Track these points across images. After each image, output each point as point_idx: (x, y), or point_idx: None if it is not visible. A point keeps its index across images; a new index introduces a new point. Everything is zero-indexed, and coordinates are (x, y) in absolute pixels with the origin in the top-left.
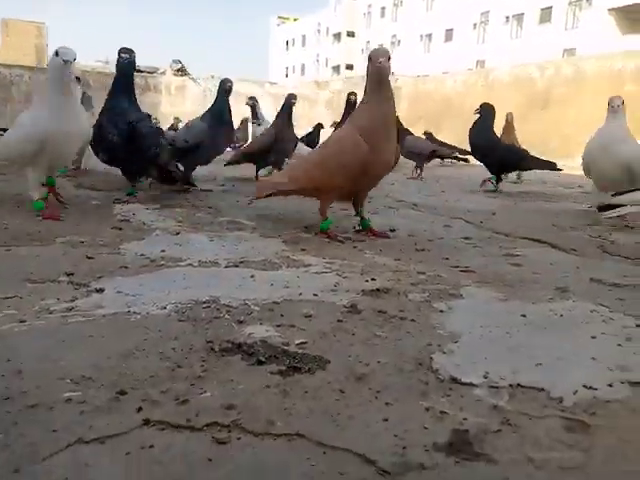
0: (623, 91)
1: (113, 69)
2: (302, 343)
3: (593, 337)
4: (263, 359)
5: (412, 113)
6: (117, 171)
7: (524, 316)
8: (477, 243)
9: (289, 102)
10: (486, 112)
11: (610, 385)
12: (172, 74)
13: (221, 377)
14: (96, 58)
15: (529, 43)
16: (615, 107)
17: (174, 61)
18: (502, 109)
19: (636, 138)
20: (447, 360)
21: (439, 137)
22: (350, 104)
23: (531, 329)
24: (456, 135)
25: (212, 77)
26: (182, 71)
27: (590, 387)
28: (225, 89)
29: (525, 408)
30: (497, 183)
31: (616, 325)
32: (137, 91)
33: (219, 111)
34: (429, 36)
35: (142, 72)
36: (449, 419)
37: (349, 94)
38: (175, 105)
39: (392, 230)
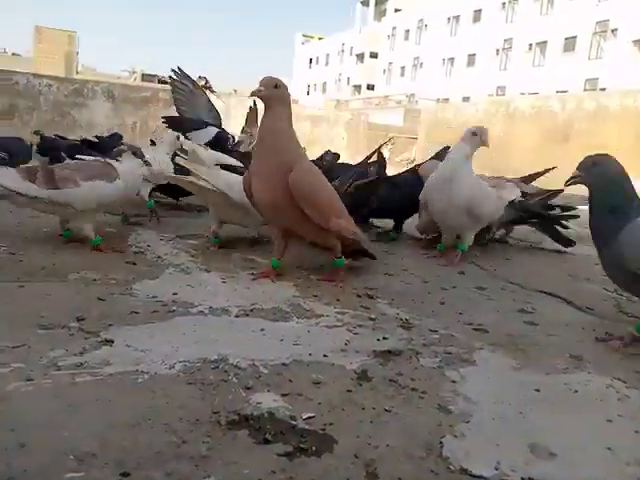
0: None
1: (139, 80)
2: (310, 417)
3: (609, 420)
4: (270, 437)
5: (431, 138)
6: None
7: (538, 390)
8: (491, 295)
9: None
10: None
11: None
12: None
13: (226, 457)
14: (121, 67)
15: (551, 71)
16: None
17: (200, 77)
18: (522, 140)
19: None
20: (458, 446)
21: None
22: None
23: (545, 407)
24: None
25: (235, 92)
26: (207, 88)
27: None
28: None
29: None
30: None
31: (632, 405)
32: (160, 105)
33: None
34: (451, 60)
35: (166, 83)
36: None
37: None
38: None
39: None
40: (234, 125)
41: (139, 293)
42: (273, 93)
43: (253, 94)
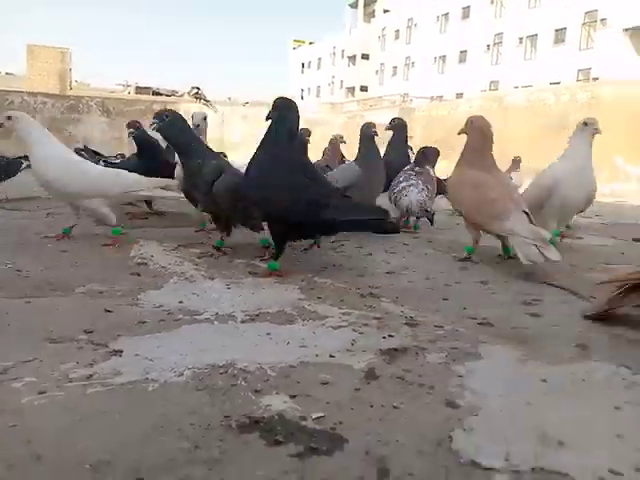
0: None
1: (133, 93)
2: (319, 417)
3: (617, 407)
4: (281, 438)
5: (426, 137)
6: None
7: (544, 381)
8: (494, 288)
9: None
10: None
11: (638, 469)
12: (191, 98)
13: (239, 461)
14: (116, 81)
15: (543, 64)
16: None
17: (193, 87)
18: (517, 134)
19: None
20: (467, 440)
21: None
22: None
23: (552, 398)
24: None
25: (229, 99)
26: (200, 98)
27: (617, 472)
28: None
29: None
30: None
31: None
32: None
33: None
34: (443, 58)
35: (161, 95)
36: None
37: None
38: None
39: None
40: (228, 133)
41: (145, 303)
42: None
43: None
